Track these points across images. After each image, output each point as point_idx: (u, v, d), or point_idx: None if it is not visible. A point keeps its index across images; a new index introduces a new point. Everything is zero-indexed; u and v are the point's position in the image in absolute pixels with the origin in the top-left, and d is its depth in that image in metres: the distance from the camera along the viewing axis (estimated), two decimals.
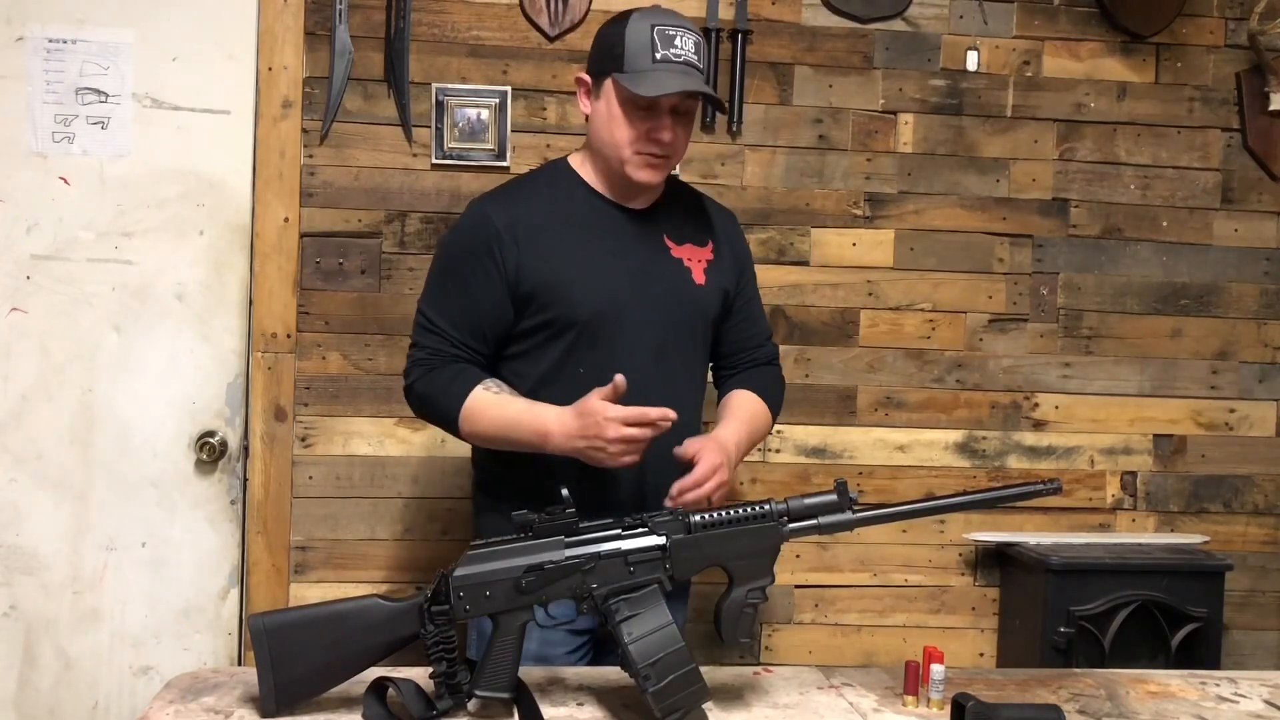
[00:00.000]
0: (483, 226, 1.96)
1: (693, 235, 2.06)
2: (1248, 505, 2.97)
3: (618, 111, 1.92)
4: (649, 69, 1.88)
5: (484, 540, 1.60)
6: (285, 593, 2.69)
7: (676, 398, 1.93)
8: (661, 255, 2.01)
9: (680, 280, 2.01)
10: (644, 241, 2.00)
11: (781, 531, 1.61)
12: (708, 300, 2.05)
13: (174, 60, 2.66)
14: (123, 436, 2.67)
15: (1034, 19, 2.87)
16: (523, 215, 1.96)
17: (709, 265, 2.05)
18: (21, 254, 2.64)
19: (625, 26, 1.92)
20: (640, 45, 1.89)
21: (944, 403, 2.88)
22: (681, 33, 1.92)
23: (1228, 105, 2.94)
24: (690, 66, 1.91)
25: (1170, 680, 1.86)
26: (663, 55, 1.89)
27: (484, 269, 1.94)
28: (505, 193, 2.05)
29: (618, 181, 1.98)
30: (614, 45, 1.92)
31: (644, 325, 1.96)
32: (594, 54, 1.99)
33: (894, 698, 1.73)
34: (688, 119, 1.97)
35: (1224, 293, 2.95)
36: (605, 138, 1.95)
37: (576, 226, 1.98)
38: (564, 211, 1.98)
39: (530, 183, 2.07)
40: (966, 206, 2.87)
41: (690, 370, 2.06)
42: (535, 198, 2.01)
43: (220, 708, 1.59)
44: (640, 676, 1.53)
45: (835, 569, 2.85)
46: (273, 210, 2.67)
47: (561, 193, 2.01)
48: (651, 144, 1.92)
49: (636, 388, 1.87)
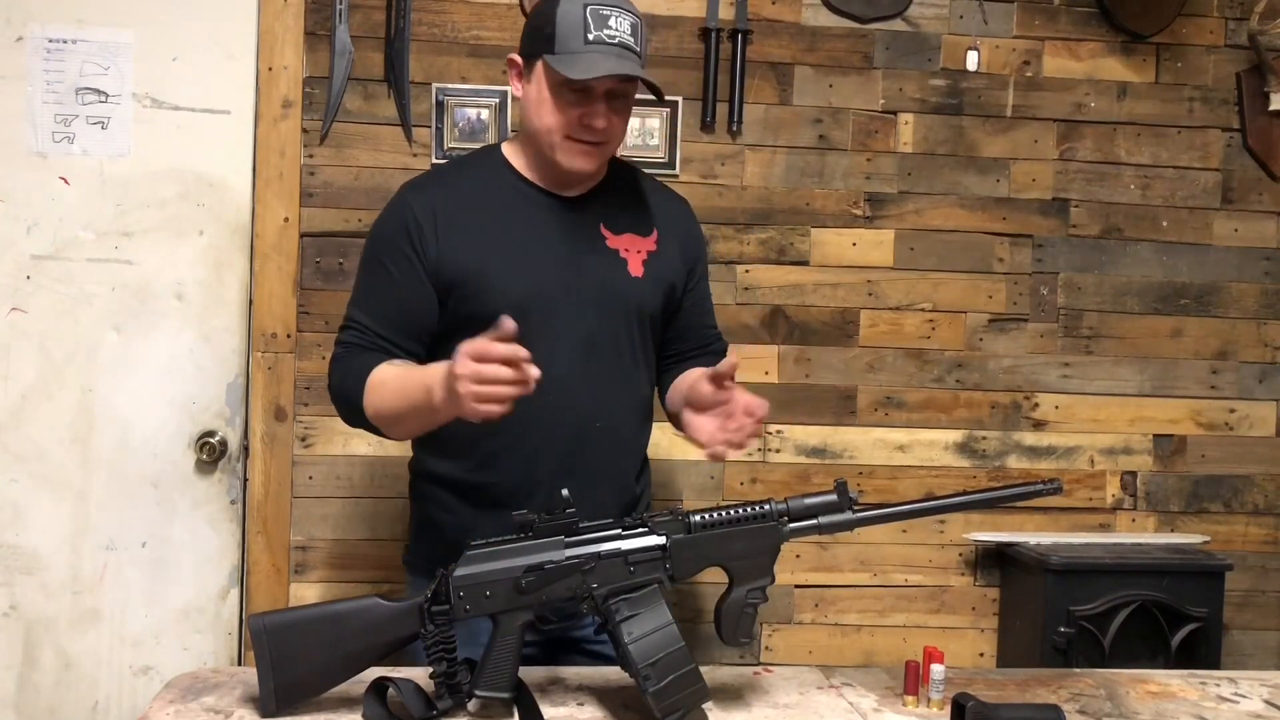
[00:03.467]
0: (401, 213, 1.87)
1: (634, 224, 1.94)
2: (1248, 505, 2.97)
3: (548, 95, 1.81)
4: (581, 50, 1.76)
5: (484, 540, 1.60)
6: (285, 593, 2.69)
7: (607, 397, 1.89)
8: (594, 245, 1.90)
9: (614, 272, 1.90)
10: (575, 231, 1.89)
11: (781, 531, 1.60)
12: (645, 293, 1.93)
13: (174, 60, 2.66)
14: (123, 436, 2.67)
15: (1034, 19, 2.87)
16: (444, 202, 1.87)
17: (650, 256, 1.94)
18: (21, 254, 2.64)
19: (558, 6, 1.79)
20: (572, 25, 1.77)
21: (944, 403, 2.88)
22: (616, 13, 1.79)
23: (1228, 105, 2.94)
24: (625, 49, 1.79)
25: (1170, 680, 1.86)
26: (595, 36, 1.77)
27: (404, 257, 1.84)
28: (429, 178, 1.99)
29: (549, 169, 1.87)
30: (545, 25, 1.80)
31: (572, 319, 1.86)
32: (525, 33, 1.88)
33: (894, 698, 1.73)
34: (625, 103, 1.85)
35: (1224, 293, 2.95)
36: (535, 123, 1.84)
37: (500, 214, 1.87)
38: (489, 198, 1.88)
39: (456, 168, 1.99)
40: (966, 206, 2.87)
41: (625, 368, 1.93)
42: (460, 184, 1.92)
43: (220, 708, 1.59)
44: (640, 676, 1.52)
45: (835, 569, 2.85)
46: (273, 210, 2.67)
47: (489, 179, 1.91)
48: (584, 130, 1.81)
49: (564, 384, 1.81)
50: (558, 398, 1.81)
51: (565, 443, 1.87)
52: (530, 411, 1.72)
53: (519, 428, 1.77)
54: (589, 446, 1.87)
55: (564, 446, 1.87)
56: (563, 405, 1.85)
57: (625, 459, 1.97)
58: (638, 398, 1.98)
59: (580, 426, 1.88)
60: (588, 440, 1.87)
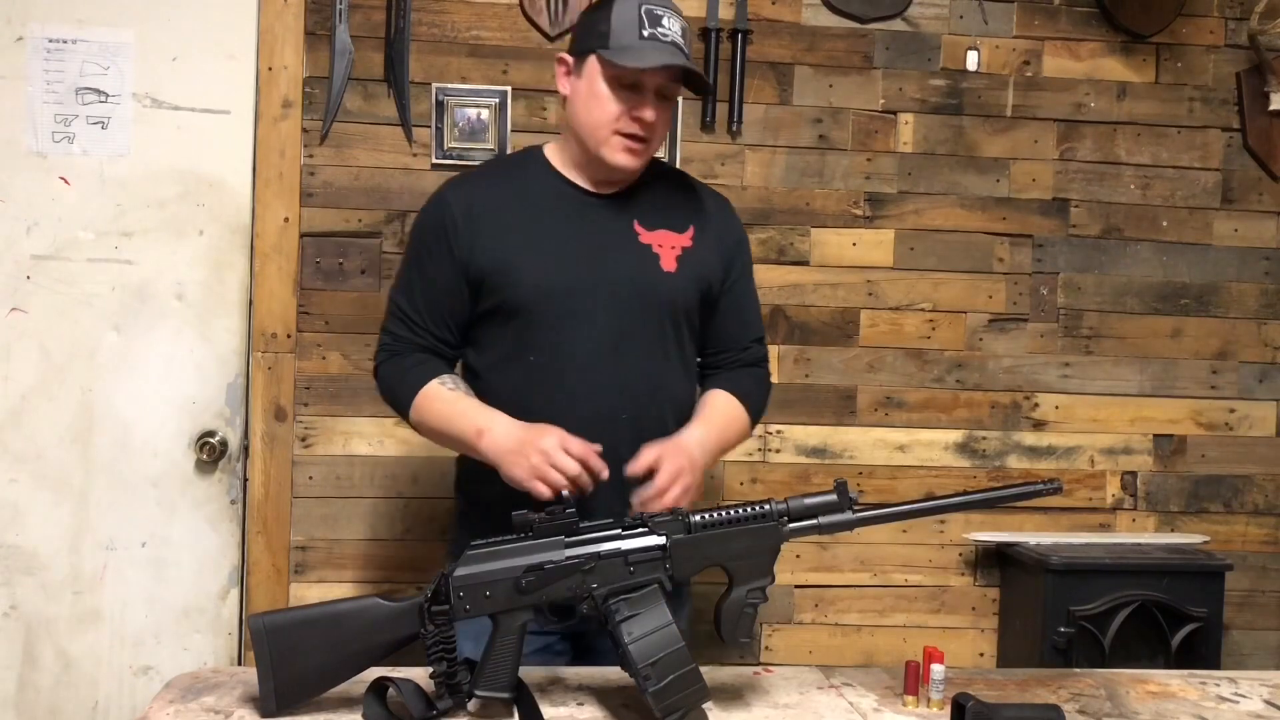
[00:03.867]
0: (439, 210, 1.95)
1: (669, 221, 1.97)
2: (1248, 505, 2.97)
3: (601, 89, 1.87)
4: (636, 44, 1.83)
5: (483, 540, 1.60)
6: (285, 593, 2.69)
7: (636, 392, 1.90)
8: (625, 240, 1.93)
9: (644, 267, 1.92)
10: (607, 226, 1.93)
11: (781, 531, 1.60)
12: (678, 289, 1.94)
13: (174, 60, 2.66)
14: (123, 436, 2.67)
15: (1034, 19, 2.87)
16: (480, 198, 1.94)
17: (685, 252, 1.95)
18: (21, 254, 2.64)
19: (613, 5, 1.87)
20: (628, 22, 1.84)
21: (944, 403, 2.88)
22: (668, 14, 1.87)
23: (1228, 105, 2.94)
24: (677, 48, 1.86)
25: (1170, 680, 1.86)
26: (650, 33, 1.84)
27: (441, 252, 1.92)
28: (469, 177, 2.03)
29: (590, 167, 1.93)
30: (599, 22, 1.87)
31: (598, 312, 1.89)
32: (578, 32, 1.95)
33: (894, 698, 1.73)
34: (669, 104, 1.93)
35: (1224, 293, 2.95)
36: (584, 118, 1.89)
37: (534, 210, 1.93)
38: (525, 195, 1.94)
39: (496, 166, 2.05)
40: (966, 206, 2.87)
41: (657, 363, 1.94)
42: (498, 181, 1.98)
43: (220, 708, 1.59)
44: (640, 676, 1.52)
45: (835, 569, 2.85)
46: (273, 210, 2.67)
47: (528, 177, 1.97)
48: (633, 123, 1.86)
49: (590, 377, 1.86)
50: (585, 390, 1.85)
51: (593, 435, 1.84)
52: (558, 403, 1.85)
53: (548, 418, 1.81)
54: (618, 439, 1.84)
55: (591, 438, 1.84)
56: (589, 398, 1.88)
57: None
58: (671, 394, 1.97)
59: (608, 419, 1.88)
60: (616, 433, 1.86)
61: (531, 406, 1.85)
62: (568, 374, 1.89)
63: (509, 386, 1.90)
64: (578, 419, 1.84)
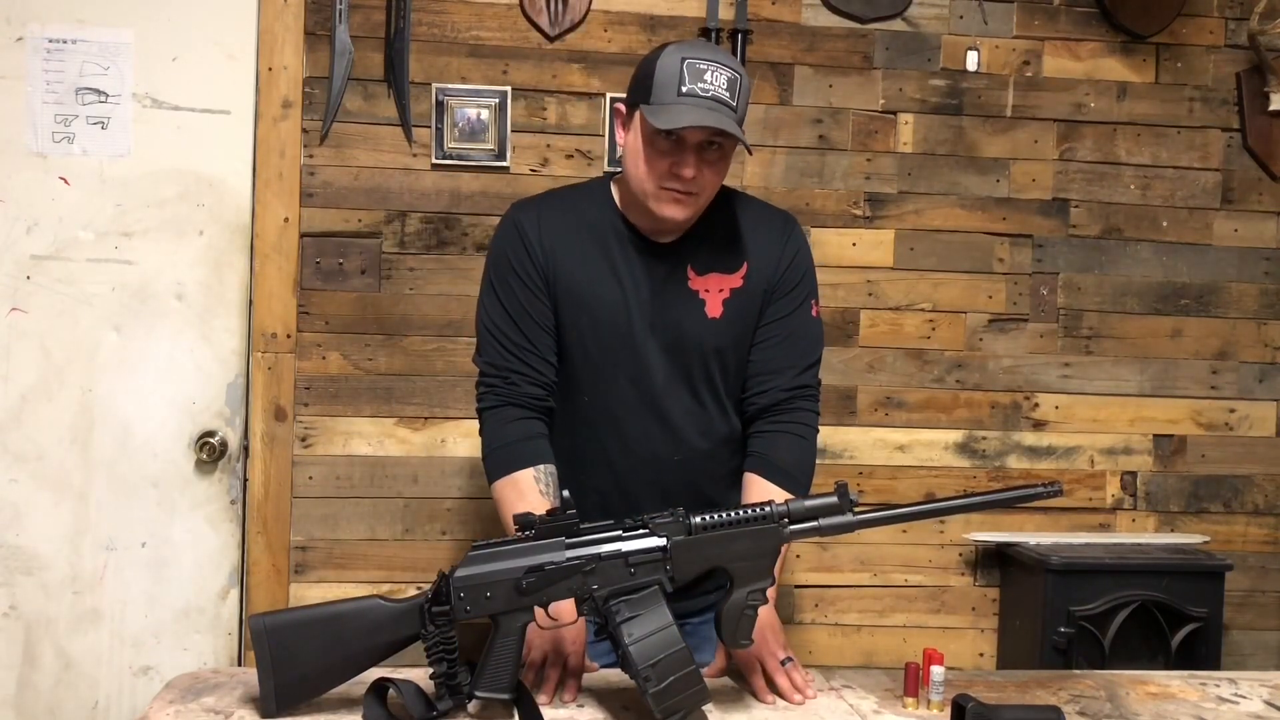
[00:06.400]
0: (514, 232, 1.94)
1: (720, 263, 1.94)
2: (1248, 505, 2.97)
3: (642, 145, 1.83)
4: (673, 102, 1.78)
5: (486, 540, 1.61)
6: (285, 593, 2.69)
7: (683, 436, 1.93)
8: (675, 288, 1.92)
9: (690, 314, 1.92)
10: (660, 274, 1.92)
11: (782, 533, 1.60)
12: (721, 334, 1.93)
13: (174, 60, 2.66)
14: (123, 436, 2.67)
15: (1034, 19, 2.87)
16: (550, 223, 1.93)
17: (734, 294, 1.93)
18: (21, 254, 2.64)
19: (659, 57, 1.82)
20: (669, 77, 1.79)
21: (944, 403, 2.88)
22: (714, 68, 1.80)
23: (1228, 105, 2.94)
24: (719, 103, 1.78)
25: (1170, 681, 1.86)
26: (689, 89, 1.78)
27: (525, 271, 1.91)
28: (538, 200, 2.01)
29: (644, 215, 1.89)
30: (645, 76, 1.83)
31: (649, 358, 1.91)
32: (631, 83, 1.90)
33: (894, 699, 1.73)
34: (719, 154, 1.84)
35: (1224, 293, 2.95)
36: (632, 170, 1.86)
37: (596, 248, 1.92)
38: (590, 231, 1.93)
39: (564, 194, 2.02)
40: (966, 206, 2.87)
41: (703, 406, 1.95)
42: (566, 209, 1.96)
43: (220, 708, 1.59)
44: (641, 678, 1.52)
45: (835, 569, 2.86)
46: (273, 210, 2.67)
47: (594, 212, 1.94)
48: (674, 179, 1.81)
49: (641, 424, 1.91)
50: (633, 437, 1.90)
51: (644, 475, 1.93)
52: (610, 447, 1.93)
53: (598, 459, 1.93)
54: (667, 480, 1.91)
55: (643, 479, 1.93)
56: (642, 441, 1.93)
57: (710, 486, 1.97)
58: (718, 432, 1.97)
59: (662, 460, 1.93)
60: (665, 474, 1.92)
61: (583, 449, 1.93)
62: (620, 418, 1.92)
63: (557, 424, 1.92)
64: (629, 463, 1.92)
